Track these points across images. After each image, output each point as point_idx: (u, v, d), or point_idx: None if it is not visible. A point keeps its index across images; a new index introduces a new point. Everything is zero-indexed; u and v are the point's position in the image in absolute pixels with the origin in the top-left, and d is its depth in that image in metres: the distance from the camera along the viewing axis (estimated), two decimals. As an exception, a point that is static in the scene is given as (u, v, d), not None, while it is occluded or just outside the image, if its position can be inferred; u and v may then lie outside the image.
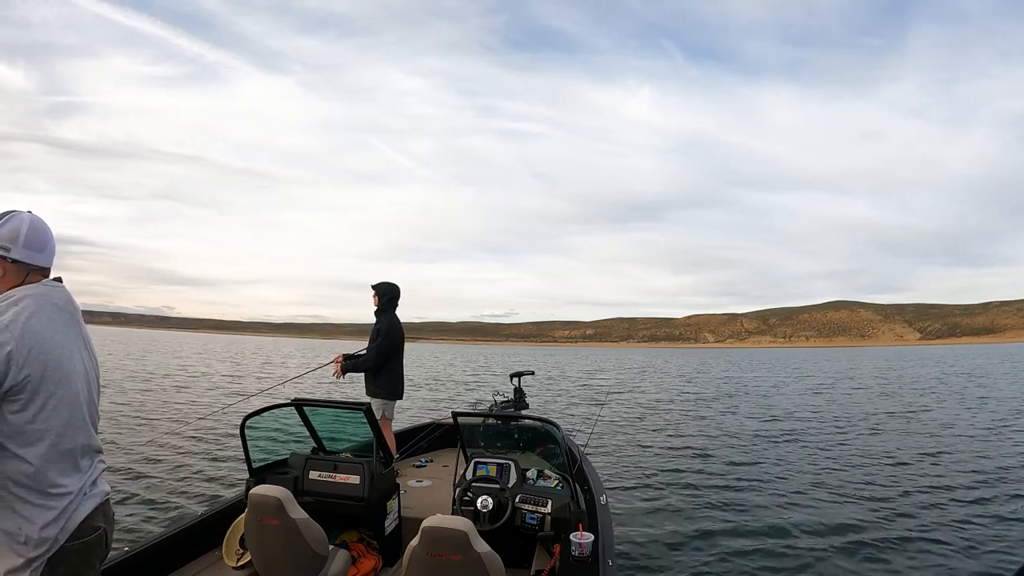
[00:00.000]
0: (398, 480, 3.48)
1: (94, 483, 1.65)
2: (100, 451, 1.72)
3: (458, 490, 3.03)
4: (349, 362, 4.77)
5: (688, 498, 6.30)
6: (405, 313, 5.11)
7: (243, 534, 2.80)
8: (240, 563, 2.87)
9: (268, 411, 3.29)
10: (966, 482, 6.83)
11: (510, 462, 3.10)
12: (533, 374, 7.58)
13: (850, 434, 10.64)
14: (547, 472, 3.20)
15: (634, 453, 8.82)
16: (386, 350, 4.72)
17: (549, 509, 2.86)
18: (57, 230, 1.72)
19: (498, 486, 2.98)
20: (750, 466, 7.91)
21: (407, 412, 11.72)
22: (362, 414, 3.19)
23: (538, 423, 3.51)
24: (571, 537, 2.56)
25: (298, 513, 2.53)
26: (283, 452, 3.43)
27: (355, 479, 3.04)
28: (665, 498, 6.32)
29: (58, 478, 1.54)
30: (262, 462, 3.26)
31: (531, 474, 3.14)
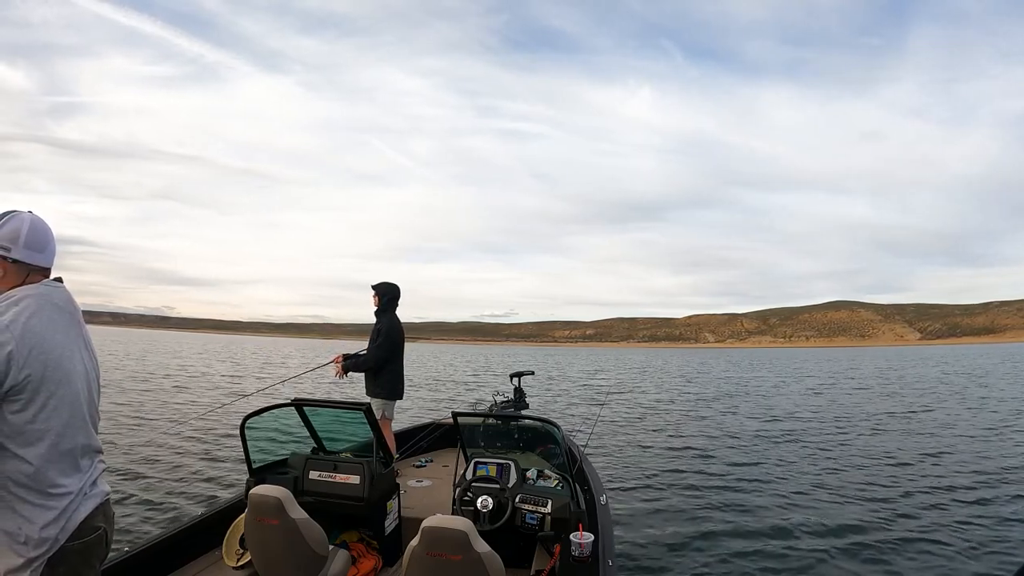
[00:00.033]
0: (398, 480, 3.48)
1: (94, 483, 1.65)
2: (100, 451, 1.72)
3: (458, 490, 3.03)
4: (350, 361, 4.79)
5: (688, 498, 6.30)
6: (405, 313, 5.12)
7: (243, 534, 2.80)
8: (240, 563, 2.87)
9: (268, 411, 3.29)
10: (967, 482, 6.82)
11: (510, 462, 3.10)
12: (533, 374, 7.57)
13: (851, 434, 10.63)
14: (547, 472, 3.20)
15: (634, 453, 8.81)
16: (386, 350, 4.72)
17: (549, 509, 2.86)
18: (57, 230, 1.72)
19: (498, 486, 2.97)
20: (751, 466, 7.90)
21: (407, 412, 11.72)
22: (362, 414, 3.19)
23: (538, 423, 3.51)
24: (571, 537, 2.56)
25: (298, 513, 2.53)
26: (283, 452, 3.43)
27: (355, 479, 3.04)
28: (665, 498, 6.31)
29: (58, 478, 1.54)
30: (262, 462, 3.27)
31: (531, 474, 3.14)
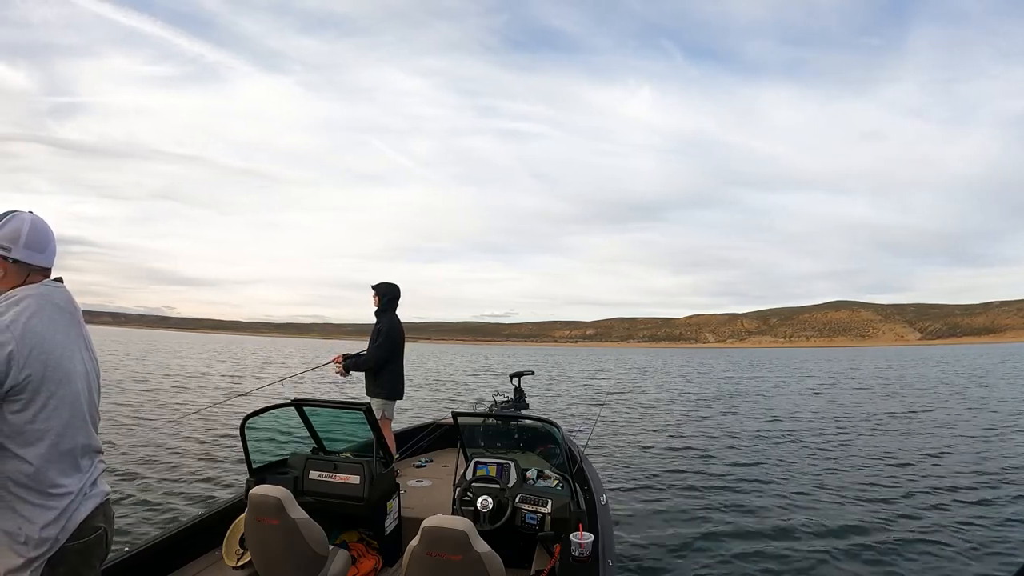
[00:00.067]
0: (398, 480, 3.48)
1: (94, 483, 1.65)
2: (100, 451, 1.72)
3: (458, 490, 3.03)
4: (350, 361, 4.80)
5: (689, 498, 6.30)
6: (405, 313, 5.13)
7: (243, 534, 2.80)
8: (240, 563, 2.87)
9: (268, 411, 3.30)
10: (968, 483, 6.81)
11: (510, 462, 3.10)
12: (533, 374, 7.58)
13: (851, 434, 10.62)
14: (547, 472, 3.20)
15: (634, 453, 8.81)
16: (386, 350, 4.73)
17: (549, 509, 2.86)
18: (58, 230, 1.72)
19: (498, 486, 2.97)
20: (751, 467, 7.90)
21: (407, 412, 11.72)
22: (362, 414, 3.19)
23: (538, 423, 3.51)
24: (571, 537, 2.56)
25: (298, 513, 2.53)
26: (283, 452, 3.43)
27: (355, 479, 3.04)
28: (666, 498, 6.31)
29: (58, 478, 1.54)
30: (262, 462, 3.27)
31: (531, 474, 3.14)
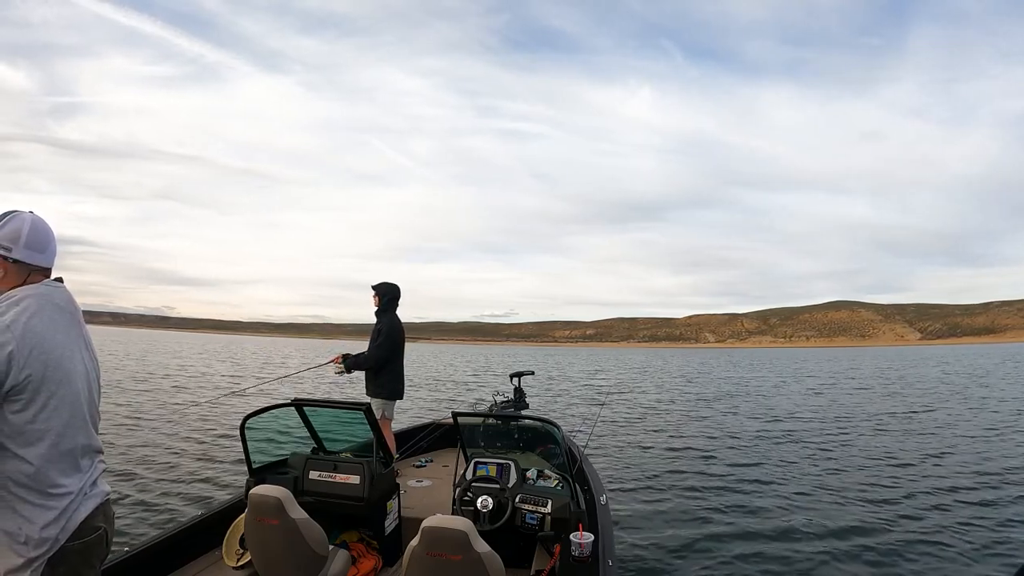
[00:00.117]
0: (398, 480, 3.48)
1: (94, 483, 1.65)
2: (100, 451, 1.72)
3: (458, 490, 3.03)
4: (350, 360, 4.80)
5: (689, 499, 6.30)
6: (405, 313, 5.13)
7: (243, 534, 2.80)
8: (240, 563, 2.87)
9: (268, 411, 3.30)
10: (969, 483, 6.81)
11: (510, 462, 3.10)
12: (533, 374, 7.58)
13: (852, 435, 10.62)
14: (547, 472, 3.20)
15: (634, 453, 8.81)
16: (386, 350, 4.73)
17: (549, 509, 2.86)
18: (58, 230, 1.72)
19: (498, 486, 2.97)
20: (751, 467, 7.90)
21: (407, 412, 11.72)
22: (362, 414, 3.19)
23: (538, 423, 3.51)
24: (571, 537, 2.56)
25: (298, 513, 2.53)
26: (283, 452, 3.43)
27: (355, 479, 3.04)
28: (666, 499, 6.31)
29: (58, 478, 1.54)
30: (262, 462, 3.27)
31: (531, 474, 3.14)
